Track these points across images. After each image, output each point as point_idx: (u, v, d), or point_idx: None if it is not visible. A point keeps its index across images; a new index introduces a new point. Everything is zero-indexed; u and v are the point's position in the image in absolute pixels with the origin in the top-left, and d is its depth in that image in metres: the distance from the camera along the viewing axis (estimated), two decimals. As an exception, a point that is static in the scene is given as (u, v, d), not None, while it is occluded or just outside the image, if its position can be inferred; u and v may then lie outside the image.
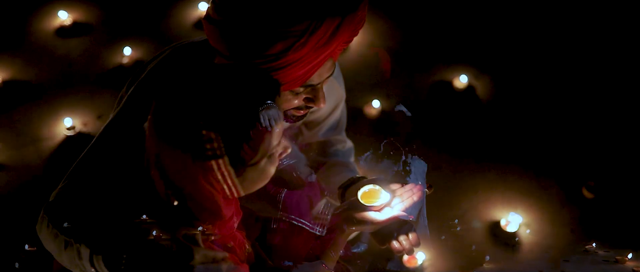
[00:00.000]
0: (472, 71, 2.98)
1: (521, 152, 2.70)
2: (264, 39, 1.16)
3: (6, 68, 2.88)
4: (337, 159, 1.79)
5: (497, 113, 2.85)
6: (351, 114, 2.76)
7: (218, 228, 1.25)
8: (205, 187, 1.12)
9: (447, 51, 3.10)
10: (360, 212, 1.36)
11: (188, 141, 1.06)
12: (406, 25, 3.21)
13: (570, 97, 2.92)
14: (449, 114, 2.85)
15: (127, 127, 1.34)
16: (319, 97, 1.35)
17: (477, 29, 3.20)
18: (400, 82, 2.96)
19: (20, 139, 2.62)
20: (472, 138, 2.75)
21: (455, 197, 2.53)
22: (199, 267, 1.13)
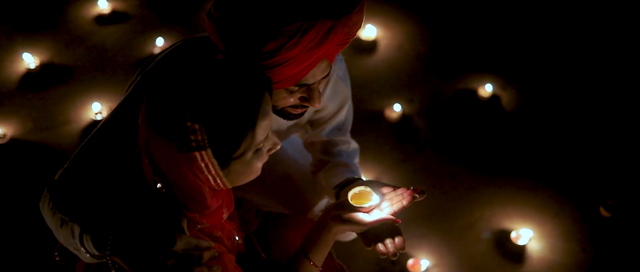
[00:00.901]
0: (498, 81, 2.96)
1: (539, 166, 2.67)
2: (257, 37, 1.19)
3: (45, 51, 3.00)
4: (340, 160, 1.80)
5: (519, 125, 2.83)
6: (371, 117, 2.79)
7: (205, 217, 1.29)
8: (190, 177, 1.15)
9: (475, 59, 3.08)
10: (348, 213, 1.38)
11: (173, 130, 1.09)
12: (437, 29, 3.21)
13: (594, 117, 2.87)
14: (471, 122, 2.83)
15: (129, 115, 1.39)
16: (314, 97, 1.37)
17: (508, 40, 3.17)
18: (424, 86, 2.95)
19: (51, 120, 2.73)
20: (492, 148, 2.73)
21: (467, 206, 2.52)
22: (181, 253, 1.17)
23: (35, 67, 2.93)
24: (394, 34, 3.16)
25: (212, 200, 1.26)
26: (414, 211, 2.48)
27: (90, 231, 1.21)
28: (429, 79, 2.99)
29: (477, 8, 3.31)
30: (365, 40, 3.12)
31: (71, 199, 1.31)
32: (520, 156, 2.71)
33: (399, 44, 3.12)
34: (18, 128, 2.69)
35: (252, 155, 1.19)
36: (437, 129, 2.78)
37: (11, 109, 2.76)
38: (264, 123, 1.15)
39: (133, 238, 1.17)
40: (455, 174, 2.63)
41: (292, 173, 1.97)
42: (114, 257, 1.17)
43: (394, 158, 2.67)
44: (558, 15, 3.29)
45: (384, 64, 3.04)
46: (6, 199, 2.45)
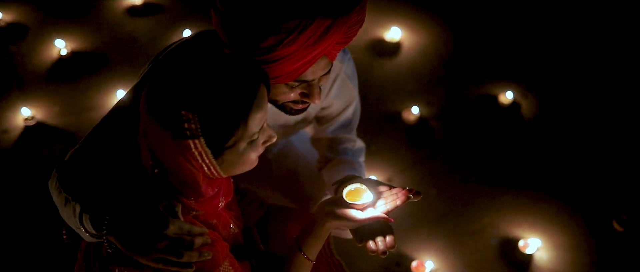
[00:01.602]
0: (519, 89, 2.94)
1: (553, 177, 2.65)
2: (257, 32, 1.22)
3: (76, 39, 3.10)
4: (345, 157, 1.83)
5: (537, 134, 2.81)
6: (389, 117, 2.81)
7: (200, 205, 1.33)
8: (184, 164, 1.19)
9: (497, 65, 3.07)
10: (341, 209, 1.40)
11: (169, 118, 1.13)
12: (461, 34, 3.21)
13: (612, 131, 2.83)
14: (489, 128, 2.82)
15: (135, 102, 1.44)
16: (313, 93, 1.40)
17: (531, 48, 3.15)
18: (444, 90, 2.95)
19: (77, 105, 2.82)
20: (507, 156, 2.72)
21: (477, 212, 2.52)
22: (172, 237, 1.21)
23: (66, 54, 3.03)
24: (418, 37, 3.17)
25: (207, 188, 1.29)
26: (422, 214, 2.49)
27: (89, 210, 1.27)
28: (450, 83, 2.99)
29: (502, 15, 3.29)
30: (389, 41, 3.13)
31: (75, 179, 1.36)
32: (535, 165, 2.69)
33: (422, 47, 3.13)
34: (45, 111, 2.79)
35: (247, 146, 1.22)
36: (454, 134, 2.78)
37: (41, 93, 2.87)
38: (257, 115, 1.18)
39: (128, 220, 1.21)
40: (468, 180, 2.62)
41: (299, 168, 2.00)
42: (110, 237, 1.22)
43: (407, 160, 2.68)
44: (584, 28, 3.25)
45: (405, 66, 3.05)
46: (27, 179, 2.54)
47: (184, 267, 1.22)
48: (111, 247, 1.25)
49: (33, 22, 3.17)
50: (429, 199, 2.54)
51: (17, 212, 2.44)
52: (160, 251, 1.19)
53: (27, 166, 2.60)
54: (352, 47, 3.09)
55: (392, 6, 3.29)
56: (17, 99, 2.84)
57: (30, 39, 3.09)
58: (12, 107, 2.79)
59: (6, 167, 2.60)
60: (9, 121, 2.75)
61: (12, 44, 3.06)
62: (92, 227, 1.26)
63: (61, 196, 1.36)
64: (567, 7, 3.34)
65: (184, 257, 1.20)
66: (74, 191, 1.33)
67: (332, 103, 1.76)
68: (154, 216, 1.21)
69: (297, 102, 1.46)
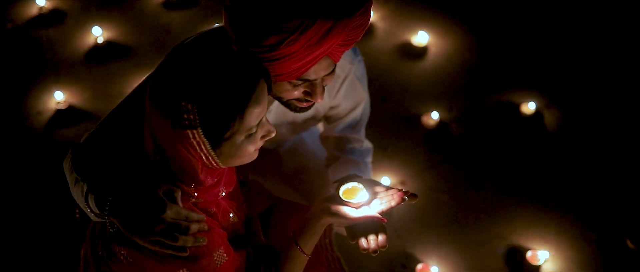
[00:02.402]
0: (542, 100, 2.92)
1: (569, 190, 2.63)
2: (261, 31, 1.27)
3: (113, 28, 3.21)
4: (352, 157, 1.87)
5: (557, 147, 2.79)
6: (408, 121, 2.83)
7: (200, 192, 1.38)
8: (183, 153, 1.24)
9: (522, 75, 3.06)
10: (336, 206, 1.44)
11: (169, 108, 1.19)
12: (488, 42, 3.20)
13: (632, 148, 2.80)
14: (508, 137, 2.82)
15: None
16: (316, 92, 1.44)
17: (557, 60, 3.13)
18: (466, 97, 2.96)
19: (108, 92, 2.93)
20: (524, 166, 2.71)
21: (487, 220, 2.53)
22: (170, 221, 1.27)
23: (102, 42, 3.14)
24: (445, 43, 3.17)
25: (206, 177, 1.35)
26: (432, 218, 2.51)
27: (95, 191, 1.34)
28: (473, 90, 2.99)
29: (530, 26, 3.27)
30: (416, 45, 3.15)
31: (86, 161, 1.43)
32: (551, 177, 2.67)
33: (448, 52, 3.14)
34: (77, 96, 2.90)
35: (244, 139, 1.27)
36: (472, 141, 2.78)
37: (74, 78, 2.98)
38: (255, 110, 1.23)
39: (128, 202, 1.28)
40: (482, 187, 2.63)
41: (308, 165, 2.05)
42: (112, 217, 1.29)
43: (422, 164, 2.70)
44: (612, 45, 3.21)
45: (430, 70, 3.06)
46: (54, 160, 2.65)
47: (179, 251, 1.28)
48: (113, 227, 1.32)
49: (73, 9, 3.29)
50: (441, 204, 2.56)
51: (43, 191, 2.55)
52: (156, 234, 1.25)
53: (55, 147, 2.71)
54: (378, 49, 3.12)
55: (420, 11, 3.30)
56: (52, 82, 2.96)
57: (69, 26, 3.21)
58: (46, 90, 2.91)
59: (37, 147, 2.72)
60: (43, 103, 2.87)
61: (52, 29, 3.19)
62: (96, 207, 1.33)
63: (72, 176, 1.44)
64: (596, 22, 3.29)
65: (179, 241, 1.26)
66: (83, 171, 1.41)
67: (340, 103, 1.80)
68: (153, 200, 1.26)
69: (301, 100, 1.50)
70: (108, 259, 1.40)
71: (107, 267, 1.42)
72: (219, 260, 1.40)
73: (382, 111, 2.87)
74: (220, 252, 1.40)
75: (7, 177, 2.62)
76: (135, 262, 1.35)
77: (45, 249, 2.39)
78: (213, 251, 1.37)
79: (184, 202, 1.35)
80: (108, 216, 1.29)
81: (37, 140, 2.74)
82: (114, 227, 1.32)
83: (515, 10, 3.34)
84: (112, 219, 1.29)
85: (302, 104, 1.52)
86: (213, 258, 1.38)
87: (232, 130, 1.22)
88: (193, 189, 1.37)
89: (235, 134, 1.24)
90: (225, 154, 1.28)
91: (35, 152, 2.69)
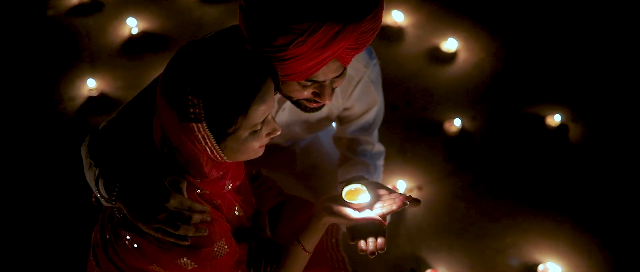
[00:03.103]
0: (568, 113, 2.89)
1: (587, 206, 2.59)
2: (271, 31, 1.30)
3: (148, 20, 3.29)
4: (363, 159, 1.88)
5: (579, 161, 2.76)
6: (430, 126, 2.83)
7: (205, 185, 1.43)
8: (189, 145, 1.29)
9: (549, 87, 3.02)
10: (338, 206, 1.46)
11: (176, 101, 1.23)
12: (517, 53, 3.18)
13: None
14: (530, 148, 2.79)
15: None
16: (324, 94, 1.47)
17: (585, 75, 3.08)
18: (491, 106, 2.94)
19: (139, 82, 3.01)
20: (544, 178, 2.68)
21: (502, 230, 2.51)
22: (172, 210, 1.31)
23: (136, 33, 3.23)
24: (474, 51, 3.16)
25: (211, 170, 1.39)
26: (446, 225, 2.51)
27: (105, 176, 1.39)
28: (498, 100, 2.97)
29: (560, 39, 3.23)
30: (445, 51, 3.15)
31: (100, 147, 1.49)
32: (570, 191, 2.64)
33: (476, 60, 3.12)
34: (109, 84, 3.00)
35: (249, 135, 1.31)
36: (493, 150, 2.77)
37: (107, 67, 3.07)
38: (260, 108, 1.26)
39: (135, 189, 1.32)
40: (499, 197, 2.61)
41: (322, 164, 2.08)
42: (119, 203, 1.34)
43: (440, 171, 2.70)
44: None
45: (457, 77, 3.05)
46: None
47: (180, 240, 1.32)
48: (120, 212, 1.38)
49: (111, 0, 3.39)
50: (456, 212, 2.56)
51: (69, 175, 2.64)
52: (159, 222, 1.29)
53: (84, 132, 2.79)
54: (407, 53, 3.13)
55: (452, 18, 3.29)
56: (86, 69, 3.06)
57: (106, 15, 3.31)
58: (80, 77, 3.01)
59: (66, 131, 2.81)
60: (76, 90, 2.97)
61: (90, 18, 3.29)
62: (105, 192, 1.38)
63: (87, 160, 1.49)
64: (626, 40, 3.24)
65: (181, 230, 1.30)
66: (97, 156, 1.46)
67: (353, 105, 1.82)
68: (158, 189, 1.31)
69: (310, 101, 1.53)
70: (115, 242, 1.46)
71: (113, 250, 1.47)
72: (220, 251, 1.43)
73: (406, 115, 2.87)
74: (221, 244, 1.43)
75: (36, 159, 2.72)
76: (139, 247, 1.40)
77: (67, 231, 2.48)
78: (214, 242, 1.41)
79: (189, 193, 1.40)
80: (115, 201, 1.34)
81: (68, 125, 2.84)
82: (121, 212, 1.37)
83: (547, 23, 3.30)
84: (119, 204, 1.34)
85: (312, 104, 1.55)
86: (213, 249, 1.41)
87: (236, 125, 1.25)
88: (198, 180, 1.41)
89: (240, 129, 1.27)
90: (229, 148, 1.31)
91: (64, 136, 2.79)
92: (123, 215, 1.38)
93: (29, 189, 2.63)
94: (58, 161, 2.69)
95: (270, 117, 1.36)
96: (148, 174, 1.35)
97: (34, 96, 2.96)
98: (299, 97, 1.52)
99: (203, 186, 1.43)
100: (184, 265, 1.41)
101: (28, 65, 3.08)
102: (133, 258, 1.43)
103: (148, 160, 1.40)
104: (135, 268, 1.46)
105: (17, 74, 3.05)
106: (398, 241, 2.45)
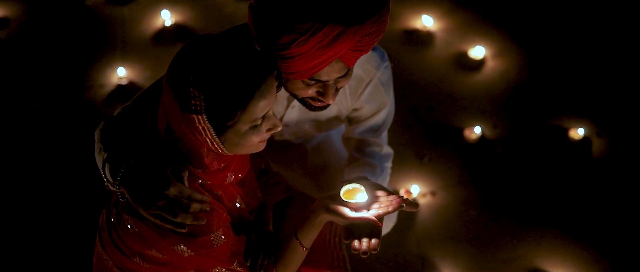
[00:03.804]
0: (592, 128, 2.85)
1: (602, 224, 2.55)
2: (276, 29, 1.34)
3: (181, 12, 3.35)
4: (370, 160, 1.90)
5: (600, 177, 2.71)
6: (450, 132, 2.82)
7: (206, 175, 1.47)
8: (190, 135, 1.33)
9: (574, 100, 2.98)
10: (335, 205, 1.49)
11: (179, 92, 1.28)
12: (544, 64, 3.14)
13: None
14: (550, 160, 2.76)
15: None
16: (327, 94, 1.50)
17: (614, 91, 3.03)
18: (514, 116, 2.92)
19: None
20: (561, 192, 2.65)
21: (513, 241, 2.50)
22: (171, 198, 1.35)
23: (169, 25, 3.30)
24: (501, 59, 3.14)
25: (212, 161, 1.43)
26: (457, 231, 2.51)
27: (111, 161, 1.45)
28: (522, 110, 2.95)
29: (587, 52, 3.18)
30: (472, 58, 3.13)
31: (111, 133, 1.55)
32: (588, 207, 2.60)
33: (503, 69, 3.10)
34: (139, 74, 3.08)
35: (248, 129, 1.34)
36: (511, 160, 2.75)
37: (139, 56, 3.15)
38: (260, 103, 1.30)
39: (137, 175, 1.38)
40: (514, 207, 2.60)
41: (331, 162, 2.10)
42: (122, 187, 1.39)
43: (456, 177, 2.70)
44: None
45: (482, 84, 3.04)
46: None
47: (178, 227, 1.37)
48: (123, 197, 1.43)
49: (145, -10, 3.48)
50: (468, 219, 2.55)
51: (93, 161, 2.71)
52: (158, 208, 1.34)
53: (110, 118, 2.89)
54: (434, 57, 3.12)
55: (481, 26, 3.27)
56: (117, 58, 3.14)
57: (142, 6, 3.38)
58: (111, 65, 3.10)
59: (93, 117, 2.91)
60: (106, 77, 3.06)
61: (126, 8, 3.38)
62: (110, 177, 1.44)
63: (98, 145, 1.55)
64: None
65: (178, 217, 1.34)
66: (107, 141, 1.52)
67: (363, 106, 1.84)
68: (159, 176, 1.36)
69: (315, 99, 1.56)
70: (118, 226, 1.51)
71: (117, 234, 1.53)
72: (216, 241, 1.47)
73: (426, 119, 2.87)
74: (218, 234, 1.47)
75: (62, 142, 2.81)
76: (139, 232, 1.45)
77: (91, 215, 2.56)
78: (211, 231, 1.45)
79: (190, 182, 1.44)
80: (119, 185, 1.39)
81: (95, 111, 2.93)
82: (124, 197, 1.42)
83: (575, 36, 3.24)
84: (122, 189, 1.39)
85: (317, 103, 1.58)
86: (210, 238, 1.45)
87: (235, 119, 1.29)
88: (200, 171, 1.45)
89: (239, 123, 1.30)
90: (229, 141, 1.35)
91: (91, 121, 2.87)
92: (126, 200, 1.43)
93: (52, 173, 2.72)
94: (82, 145, 2.77)
95: (270, 113, 1.39)
96: (151, 161, 1.40)
97: (66, 81, 3.06)
98: (304, 96, 1.55)
99: (204, 177, 1.47)
100: (181, 252, 1.45)
101: (63, 51, 3.18)
102: (134, 242, 1.48)
103: (153, 148, 1.45)
104: (136, 252, 1.51)
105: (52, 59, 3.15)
106: (406, 243, 2.46)
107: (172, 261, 1.50)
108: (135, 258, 1.52)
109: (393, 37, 3.20)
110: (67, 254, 2.49)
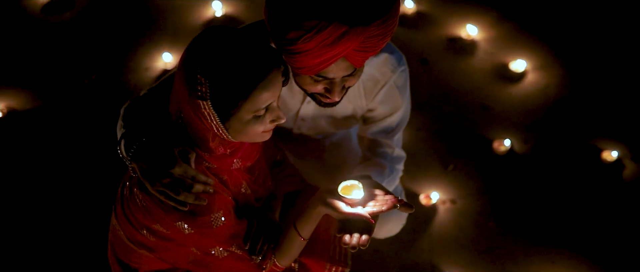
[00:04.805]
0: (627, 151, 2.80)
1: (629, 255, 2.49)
2: (285, 25, 1.40)
3: (232, 6, 3.42)
4: (381, 161, 1.94)
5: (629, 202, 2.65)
6: (479, 142, 2.81)
7: (213, 159, 1.54)
8: (196, 120, 1.41)
9: (612, 122, 2.92)
10: (332, 199, 1.54)
11: (188, 78, 1.36)
12: (583, 82, 3.08)
13: None
14: (579, 180, 2.72)
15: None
16: (333, 91, 1.55)
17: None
18: (547, 133, 2.88)
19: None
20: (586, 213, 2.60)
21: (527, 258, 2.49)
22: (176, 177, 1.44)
23: (220, 15, 3.41)
24: (542, 75, 3.10)
25: (218, 146, 1.51)
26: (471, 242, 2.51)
27: (127, 137, 1.55)
28: (556, 127, 2.90)
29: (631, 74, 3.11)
30: (512, 71, 3.11)
31: (133, 111, 1.66)
32: (609, 231, 2.55)
33: (541, 85, 3.06)
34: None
35: (252, 119, 1.41)
36: (538, 176, 2.71)
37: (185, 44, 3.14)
38: (263, 95, 1.37)
39: (148, 152, 1.47)
40: (532, 224, 2.57)
41: (348, 159, 2.14)
42: (133, 163, 1.49)
43: (479, 188, 2.69)
44: None
45: (518, 98, 3.01)
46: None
47: (180, 205, 1.45)
48: (134, 172, 1.53)
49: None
50: (485, 231, 2.54)
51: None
52: (163, 185, 1.43)
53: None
54: (474, 67, 3.11)
55: (526, 40, 3.23)
56: (167, 43, 3.26)
57: (195, -5, 3.52)
58: (159, 49, 3.21)
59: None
60: (154, 61, 3.19)
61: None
62: (124, 152, 1.54)
63: (120, 122, 1.66)
64: None
65: (181, 196, 1.43)
66: (128, 120, 1.63)
67: (377, 107, 1.89)
68: (167, 156, 1.45)
69: (324, 96, 1.62)
70: (129, 199, 1.61)
71: (128, 206, 1.63)
72: (216, 222, 1.55)
73: (457, 127, 2.87)
74: (219, 215, 1.55)
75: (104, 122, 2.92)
76: (146, 206, 1.54)
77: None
78: (211, 212, 1.53)
79: (197, 164, 1.52)
80: (131, 161, 1.49)
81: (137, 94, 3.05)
82: (135, 172, 1.52)
83: (618, 57, 3.17)
84: (133, 164, 1.49)
85: (325, 99, 1.63)
86: (210, 218, 1.54)
87: (237, 108, 1.36)
88: (206, 154, 1.53)
89: (241, 112, 1.38)
90: (233, 128, 1.42)
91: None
92: (136, 175, 1.53)
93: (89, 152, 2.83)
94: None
95: (274, 105, 1.45)
96: (161, 141, 1.49)
97: (116, 62, 3.20)
98: (313, 91, 1.61)
99: (211, 160, 1.55)
100: (182, 229, 1.54)
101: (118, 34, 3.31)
102: (142, 216, 1.58)
103: (165, 129, 1.54)
104: (144, 225, 1.60)
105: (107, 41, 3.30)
106: (419, 246, 2.48)
107: (175, 237, 1.59)
108: (143, 231, 1.62)
109: (436, 43, 3.21)
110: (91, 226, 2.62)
